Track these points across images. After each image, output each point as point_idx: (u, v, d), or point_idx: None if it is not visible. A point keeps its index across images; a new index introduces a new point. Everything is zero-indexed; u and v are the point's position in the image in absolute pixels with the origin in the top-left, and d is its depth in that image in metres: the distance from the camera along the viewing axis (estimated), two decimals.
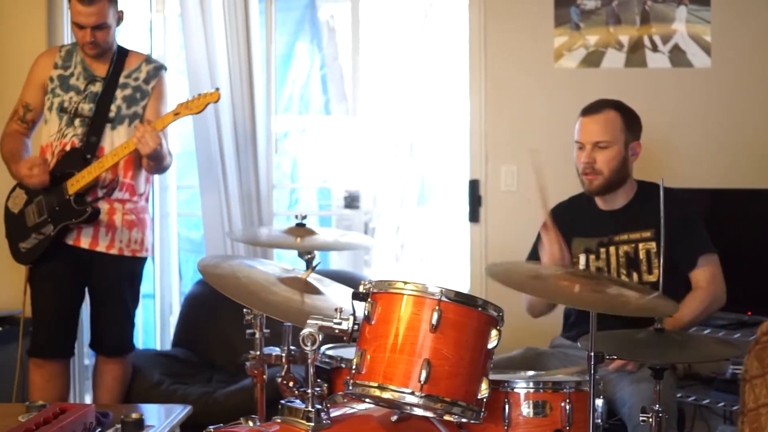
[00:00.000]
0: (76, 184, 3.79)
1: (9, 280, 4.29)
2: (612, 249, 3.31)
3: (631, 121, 3.33)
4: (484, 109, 4.62)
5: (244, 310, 2.90)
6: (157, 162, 3.85)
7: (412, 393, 2.18)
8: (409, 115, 6.01)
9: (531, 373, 2.82)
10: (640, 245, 3.27)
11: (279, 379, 2.90)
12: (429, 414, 2.28)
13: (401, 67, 5.95)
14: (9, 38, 4.69)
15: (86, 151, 3.84)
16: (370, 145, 5.27)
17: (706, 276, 3.24)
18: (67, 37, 4.70)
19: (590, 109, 3.33)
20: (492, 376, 2.33)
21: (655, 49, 4.46)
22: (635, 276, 3.27)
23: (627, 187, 3.34)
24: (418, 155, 6.22)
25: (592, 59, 4.51)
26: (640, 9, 4.46)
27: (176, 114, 3.77)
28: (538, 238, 3.40)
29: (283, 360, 2.93)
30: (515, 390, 2.53)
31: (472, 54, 4.65)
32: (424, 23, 6.03)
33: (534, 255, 3.46)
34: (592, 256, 3.29)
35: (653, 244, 3.24)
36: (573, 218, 3.41)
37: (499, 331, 2.30)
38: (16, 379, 4.08)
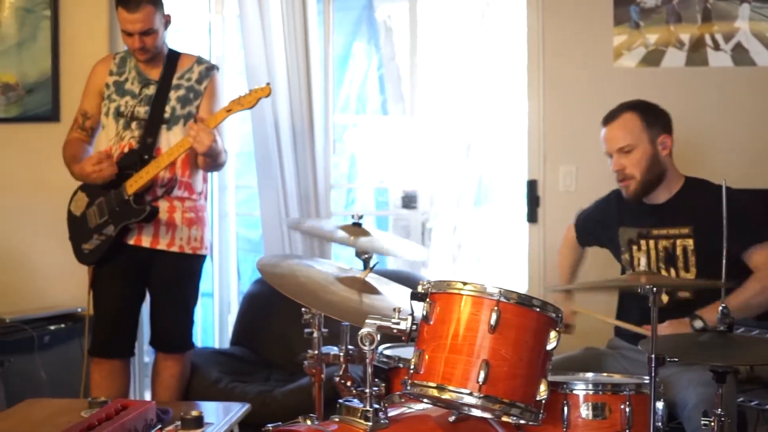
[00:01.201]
0: (134, 184, 3.85)
1: (73, 279, 4.35)
2: (651, 243, 3.30)
3: (652, 118, 3.29)
4: (543, 109, 4.59)
5: (302, 309, 2.91)
6: (213, 159, 3.89)
7: (471, 394, 2.17)
8: (466, 115, 5.99)
9: (590, 374, 2.80)
10: (678, 241, 3.25)
11: (337, 379, 2.90)
12: (487, 415, 2.27)
13: (458, 67, 5.93)
14: (72, 46, 4.78)
15: (143, 152, 3.89)
16: (428, 145, 5.27)
17: (762, 259, 3.16)
18: None
19: (609, 117, 3.33)
20: (551, 378, 2.31)
21: (716, 47, 4.39)
22: (672, 272, 3.25)
23: (670, 183, 3.31)
24: (475, 155, 6.20)
25: (652, 58, 4.46)
26: (701, 7, 4.40)
27: (228, 111, 3.80)
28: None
29: (341, 359, 2.93)
30: (574, 392, 2.50)
31: (530, 53, 4.63)
32: (482, 23, 6.01)
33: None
34: (634, 247, 3.32)
35: (690, 241, 3.22)
36: (620, 208, 3.42)
37: (558, 332, 2.28)
38: (83, 375, 4.14)
